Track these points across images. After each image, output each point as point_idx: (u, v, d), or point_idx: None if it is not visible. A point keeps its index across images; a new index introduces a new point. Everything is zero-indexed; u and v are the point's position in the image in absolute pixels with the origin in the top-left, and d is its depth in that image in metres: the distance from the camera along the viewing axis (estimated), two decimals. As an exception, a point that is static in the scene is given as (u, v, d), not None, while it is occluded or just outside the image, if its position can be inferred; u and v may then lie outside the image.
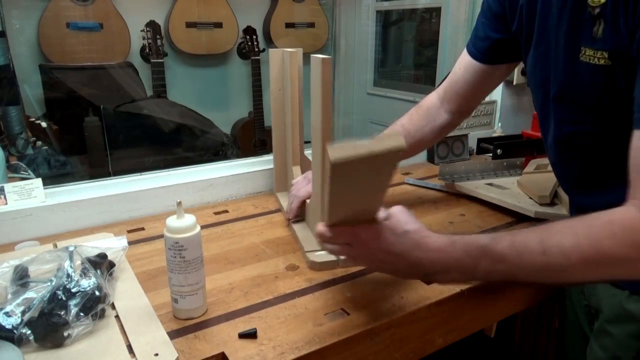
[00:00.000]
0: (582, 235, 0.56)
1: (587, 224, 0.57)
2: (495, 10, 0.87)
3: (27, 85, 2.33)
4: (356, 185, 0.54)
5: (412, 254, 0.61)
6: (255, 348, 0.64)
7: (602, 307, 0.77)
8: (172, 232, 0.67)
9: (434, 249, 0.61)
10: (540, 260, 0.57)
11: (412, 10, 2.80)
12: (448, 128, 1.02)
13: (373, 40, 2.98)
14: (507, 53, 0.88)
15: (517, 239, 0.59)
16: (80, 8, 2.37)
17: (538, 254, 0.57)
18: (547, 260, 0.57)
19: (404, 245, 0.62)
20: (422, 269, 0.62)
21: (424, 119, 1.00)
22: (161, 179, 1.16)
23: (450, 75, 0.99)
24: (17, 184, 1.01)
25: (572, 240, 0.56)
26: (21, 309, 0.66)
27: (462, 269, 0.61)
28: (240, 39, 2.84)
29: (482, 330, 0.95)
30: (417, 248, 0.62)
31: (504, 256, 0.58)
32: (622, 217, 0.56)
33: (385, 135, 0.51)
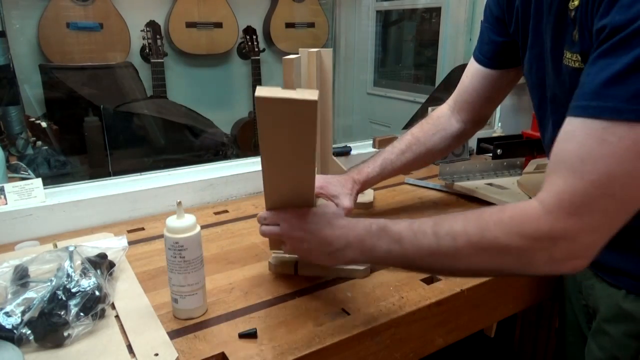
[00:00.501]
0: (472, 220, 0.58)
1: (480, 212, 0.59)
2: (497, 13, 0.87)
3: (27, 85, 2.33)
4: (280, 134, 0.61)
5: (322, 231, 0.67)
6: (255, 348, 0.64)
7: (599, 306, 0.77)
8: (172, 232, 0.67)
9: (340, 226, 0.67)
10: (432, 242, 0.59)
11: (412, 10, 2.80)
12: (460, 137, 1.00)
13: (373, 40, 2.98)
14: (513, 57, 0.87)
15: (415, 223, 0.62)
16: (80, 8, 2.37)
17: (430, 235, 0.59)
18: (437, 242, 0.59)
19: (318, 224, 0.68)
20: (329, 247, 0.67)
21: (434, 128, 0.99)
22: (161, 179, 1.16)
23: (459, 84, 0.99)
24: (17, 184, 1.01)
25: (462, 224, 0.58)
26: (21, 309, 0.66)
27: (362, 246, 0.64)
28: (240, 39, 2.84)
29: (482, 330, 0.95)
30: (327, 226, 0.68)
31: (400, 237, 0.61)
32: (515, 207, 0.57)
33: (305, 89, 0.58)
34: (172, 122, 2.30)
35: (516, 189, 1.15)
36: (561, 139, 0.55)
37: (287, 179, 0.67)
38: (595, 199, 0.52)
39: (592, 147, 0.51)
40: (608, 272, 0.74)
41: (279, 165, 0.66)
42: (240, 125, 2.90)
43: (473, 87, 0.95)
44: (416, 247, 0.61)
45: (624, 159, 0.50)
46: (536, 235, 0.54)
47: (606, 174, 0.51)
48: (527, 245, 0.55)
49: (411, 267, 0.65)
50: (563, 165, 0.54)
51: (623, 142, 0.50)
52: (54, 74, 2.32)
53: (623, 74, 0.50)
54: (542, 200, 0.55)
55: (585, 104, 0.52)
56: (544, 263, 0.55)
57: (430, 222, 0.61)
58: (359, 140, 1.47)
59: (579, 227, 0.53)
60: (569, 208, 0.53)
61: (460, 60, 1.91)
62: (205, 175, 1.18)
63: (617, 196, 0.51)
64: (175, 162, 2.15)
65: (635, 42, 0.49)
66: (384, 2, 2.92)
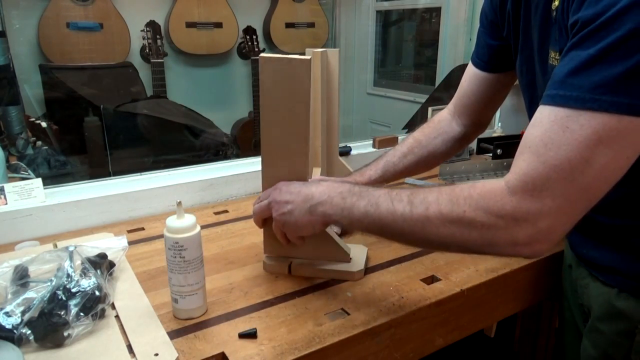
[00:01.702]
0: (444, 192, 0.62)
1: (453, 187, 0.62)
2: (491, 17, 0.88)
3: (27, 85, 2.33)
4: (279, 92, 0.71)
5: (308, 188, 0.73)
6: (255, 348, 0.64)
7: (593, 305, 0.78)
8: (172, 232, 0.67)
9: (325, 184, 0.73)
10: (406, 208, 0.63)
11: (412, 10, 2.80)
12: (462, 140, 1.00)
13: (373, 40, 2.98)
14: (508, 60, 0.88)
15: (393, 190, 0.66)
16: (80, 8, 2.37)
17: (406, 202, 0.63)
18: (411, 209, 0.62)
19: (305, 185, 0.74)
20: (310, 200, 0.71)
21: (435, 131, 1.00)
22: (161, 179, 1.16)
23: (458, 88, 1.00)
24: (17, 184, 1.01)
25: (435, 196, 0.62)
26: (21, 309, 0.66)
27: (343, 203, 0.68)
28: (240, 39, 2.84)
29: (482, 330, 0.95)
30: (314, 184, 0.74)
31: (378, 200, 0.65)
32: (484, 184, 0.60)
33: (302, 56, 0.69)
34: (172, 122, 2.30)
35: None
36: (530, 125, 0.57)
37: (284, 144, 0.75)
38: (556, 183, 0.54)
39: (556, 133, 0.53)
40: (601, 271, 0.75)
41: (277, 126, 0.74)
42: (240, 125, 2.89)
43: (472, 90, 0.95)
44: (391, 212, 0.64)
45: (584, 146, 0.52)
46: (500, 213, 0.57)
47: (567, 160, 0.53)
48: (491, 221, 0.57)
49: (384, 232, 0.66)
50: (528, 149, 0.56)
51: (584, 130, 0.52)
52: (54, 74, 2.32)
53: (587, 65, 0.52)
54: (508, 181, 0.57)
55: (554, 93, 0.55)
56: (506, 243, 0.58)
57: (407, 191, 0.64)
58: (359, 140, 1.47)
59: (540, 209, 0.55)
60: (531, 190, 0.55)
61: (460, 60, 1.91)
62: (205, 175, 1.18)
63: (578, 182, 0.53)
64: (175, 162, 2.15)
65: (602, 34, 0.51)
66: (384, 2, 2.92)
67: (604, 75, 0.51)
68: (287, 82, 0.71)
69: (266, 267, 0.85)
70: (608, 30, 0.51)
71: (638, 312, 0.70)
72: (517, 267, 0.86)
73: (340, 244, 0.82)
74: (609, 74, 0.51)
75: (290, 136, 0.75)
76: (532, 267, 0.88)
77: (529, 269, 0.88)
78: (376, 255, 0.89)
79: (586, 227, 0.60)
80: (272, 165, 0.78)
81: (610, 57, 0.51)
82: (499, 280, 0.83)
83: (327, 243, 0.81)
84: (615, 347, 0.73)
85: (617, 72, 0.50)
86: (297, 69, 0.70)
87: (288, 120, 0.74)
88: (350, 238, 0.93)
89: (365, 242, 0.92)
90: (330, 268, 0.81)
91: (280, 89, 0.72)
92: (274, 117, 0.74)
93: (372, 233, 0.69)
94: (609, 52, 0.51)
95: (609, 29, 0.51)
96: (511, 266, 0.86)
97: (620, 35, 0.50)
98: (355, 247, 0.88)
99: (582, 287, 0.80)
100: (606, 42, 0.51)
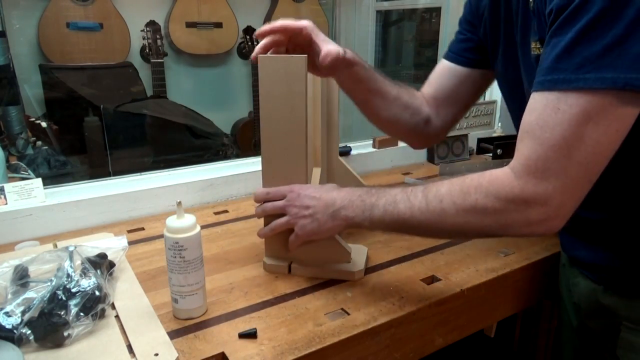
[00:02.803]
0: (456, 184, 0.65)
1: (463, 178, 0.66)
2: (469, 18, 0.90)
3: (27, 85, 2.33)
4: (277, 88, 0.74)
5: (329, 194, 0.75)
6: (255, 348, 0.64)
7: (582, 303, 0.79)
8: (172, 232, 0.67)
9: (345, 189, 0.76)
10: (422, 202, 0.67)
11: (412, 10, 2.80)
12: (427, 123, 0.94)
13: (373, 40, 2.98)
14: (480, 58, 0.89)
15: (407, 188, 0.70)
16: (80, 8, 2.37)
17: (421, 197, 0.67)
18: (426, 202, 0.66)
19: (324, 189, 0.77)
20: (332, 206, 0.74)
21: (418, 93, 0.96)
22: (161, 179, 1.16)
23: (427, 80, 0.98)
24: (17, 184, 1.01)
25: (447, 187, 0.66)
26: (21, 309, 0.66)
27: (363, 204, 0.72)
28: (240, 39, 2.84)
29: (482, 330, 0.95)
30: (333, 189, 0.77)
31: (395, 198, 0.69)
32: (492, 172, 0.64)
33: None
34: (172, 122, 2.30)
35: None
36: (525, 113, 0.61)
37: (283, 140, 0.77)
38: (555, 162, 0.57)
39: (549, 115, 0.57)
40: (587, 269, 0.77)
41: (276, 123, 0.76)
42: (240, 125, 2.89)
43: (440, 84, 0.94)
44: (408, 207, 0.68)
45: (575, 123, 0.55)
46: (509, 198, 0.60)
47: (562, 139, 0.56)
48: (503, 206, 0.61)
49: (403, 227, 0.70)
50: (526, 134, 0.60)
51: (573, 109, 0.55)
52: (54, 74, 2.32)
53: (569, 48, 0.55)
54: (513, 167, 0.61)
55: (542, 79, 0.58)
56: (521, 225, 0.61)
57: (421, 187, 0.68)
58: (359, 140, 1.47)
59: (545, 188, 0.58)
60: (535, 172, 0.58)
61: (460, 60, 1.91)
62: (205, 175, 1.18)
63: (576, 159, 0.56)
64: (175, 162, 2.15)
65: (578, 18, 0.54)
66: (384, 2, 2.92)
67: (584, 55, 0.54)
68: (284, 79, 0.74)
69: (266, 267, 0.85)
70: (581, 13, 0.54)
71: (623, 308, 0.72)
72: (517, 267, 0.86)
73: (342, 243, 0.82)
74: (589, 53, 0.54)
75: (289, 133, 0.77)
76: (532, 267, 0.88)
77: (528, 269, 0.88)
78: (376, 255, 0.89)
79: (572, 226, 0.62)
80: (272, 161, 0.79)
81: (587, 37, 0.54)
82: (499, 280, 0.83)
83: (328, 243, 0.81)
84: (602, 343, 0.75)
85: (596, 49, 0.53)
86: (293, 67, 0.73)
87: (286, 117, 0.76)
88: (351, 238, 0.93)
89: (365, 242, 0.92)
90: (330, 268, 0.81)
91: (278, 87, 0.74)
92: (272, 114, 0.76)
93: (393, 230, 0.72)
94: (585, 32, 0.54)
95: (582, 12, 0.54)
96: (511, 266, 0.86)
97: (592, 16, 0.53)
98: (355, 247, 0.88)
99: (574, 286, 0.81)
100: (581, 24, 0.54)
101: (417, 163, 1.47)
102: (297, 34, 0.76)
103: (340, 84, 0.87)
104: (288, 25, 0.75)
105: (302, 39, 0.77)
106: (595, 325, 0.77)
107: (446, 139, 1.47)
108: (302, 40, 0.77)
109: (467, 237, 0.75)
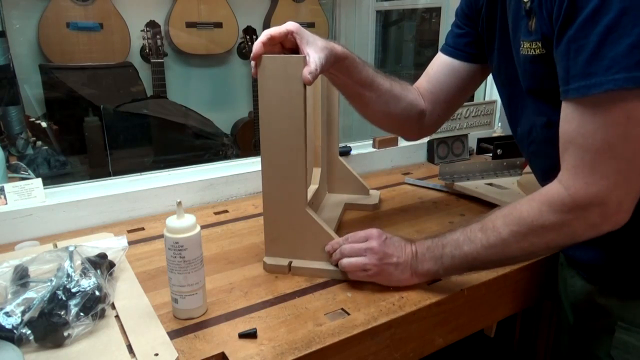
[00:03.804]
0: (508, 211, 0.68)
1: (514, 203, 0.68)
2: (466, 11, 0.91)
3: (27, 85, 2.33)
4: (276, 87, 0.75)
5: (410, 247, 0.76)
6: (255, 348, 0.64)
7: (578, 302, 0.80)
8: (172, 232, 0.67)
9: (414, 245, 0.77)
10: (482, 238, 0.69)
11: (412, 10, 2.80)
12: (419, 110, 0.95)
13: (373, 40, 2.97)
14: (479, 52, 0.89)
15: (467, 228, 0.72)
16: (80, 8, 2.37)
17: (481, 235, 0.69)
18: (486, 237, 0.68)
19: (399, 245, 0.77)
20: (414, 260, 0.75)
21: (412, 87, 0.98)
22: (161, 179, 1.16)
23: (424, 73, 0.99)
24: (17, 184, 1.01)
25: (502, 219, 0.68)
26: (21, 309, 0.66)
27: (434, 255, 0.74)
28: (240, 39, 2.84)
29: (482, 330, 0.95)
30: (406, 243, 0.77)
31: (458, 242, 0.71)
32: (542, 190, 0.65)
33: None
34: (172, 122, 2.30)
35: (516, 189, 1.15)
36: (563, 122, 0.62)
37: (282, 139, 0.78)
38: (603, 164, 0.59)
39: (588, 122, 0.58)
40: (584, 269, 0.78)
41: (275, 123, 0.77)
42: (240, 126, 2.89)
43: (435, 76, 0.95)
44: (472, 248, 0.70)
45: (615, 125, 0.57)
46: (565, 209, 0.62)
47: (605, 142, 0.57)
48: (562, 219, 0.63)
49: (474, 266, 0.72)
50: (570, 144, 0.61)
51: (610, 112, 0.56)
52: (54, 74, 2.32)
53: (595, 51, 0.55)
54: (561, 179, 0.63)
55: (576, 86, 0.58)
56: (585, 229, 0.63)
57: (478, 224, 0.71)
58: (359, 140, 1.47)
59: (599, 190, 0.59)
60: (584, 178, 0.60)
61: (460, 60, 1.91)
62: (205, 175, 1.18)
63: (623, 156, 0.58)
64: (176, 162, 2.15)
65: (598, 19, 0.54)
66: (384, 2, 2.92)
67: (611, 56, 0.54)
68: (284, 79, 0.75)
69: (266, 267, 0.85)
70: (602, 14, 0.54)
71: (617, 308, 0.72)
72: (517, 267, 0.86)
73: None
74: (615, 53, 0.54)
75: (288, 132, 0.77)
76: (532, 267, 0.88)
77: (528, 269, 0.88)
78: (376, 255, 0.89)
79: None
80: (271, 161, 0.80)
81: (612, 38, 0.54)
82: (499, 280, 0.83)
83: (326, 243, 0.81)
84: (597, 343, 0.75)
85: (622, 49, 0.54)
86: (292, 67, 0.74)
87: (285, 116, 0.77)
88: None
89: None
90: (330, 268, 0.81)
91: (277, 86, 0.75)
92: (272, 114, 0.77)
93: (467, 271, 0.75)
94: (609, 33, 0.54)
95: (602, 13, 0.54)
96: (511, 266, 0.86)
97: (614, 16, 0.53)
98: None
99: (571, 286, 0.81)
100: (603, 25, 0.54)
101: (417, 163, 1.47)
102: (285, 39, 0.76)
103: (330, 78, 0.87)
104: (273, 34, 0.74)
105: (290, 44, 0.77)
106: (590, 325, 0.77)
107: (446, 139, 1.47)
108: (291, 45, 0.77)
109: (538, 256, 0.76)
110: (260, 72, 0.75)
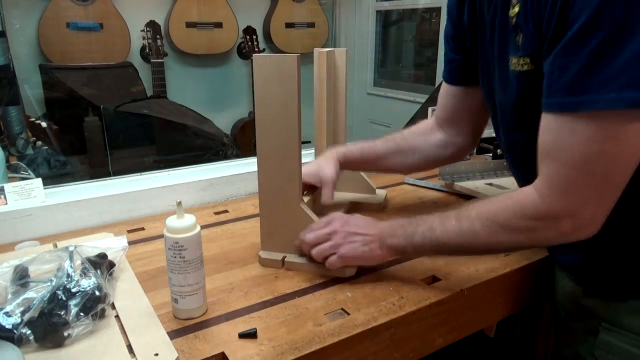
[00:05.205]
0: (484, 205, 0.69)
1: (491, 199, 0.70)
2: (452, 34, 0.91)
3: (27, 85, 2.33)
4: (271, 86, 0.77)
5: (376, 225, 0.79)
6: (255, 348, 0.64)
7: (565, 303, 0.80)
8: (172, 232, 0.67)
9: (387, 222, 0.78)
10: (455, 226, 0.70)
11: (412, 10, 2.80)
12: (446, 147, 0.99)
13: (373, 40, 2.98)
14: (474, 73, 0.89)
15: (442, 214, 0.73)
16: (80, 8, 2.37)
17: (455, 222, 0.71)
18: (459, 225, 0.70)
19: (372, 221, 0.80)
20: (381, 236, 0.77)
21: (417, 130, 1.02)
22: (161, 179, 1.16)
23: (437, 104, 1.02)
24: (17, 184, 1.01)
25: (477, 211, 0.69)
26: (21, 309, 0.66)
27: (406, 232, 0.75)
28: (240, 39, 2.85)
29: (482, 330, 0.95)
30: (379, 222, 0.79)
31: (432, 225, 0.73)
32: (519, 192, 0.67)
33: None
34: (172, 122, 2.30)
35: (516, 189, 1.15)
36: (542, 133, 0.62)
37: (277, 138, 0.79)
38: (578, 179, 0.59)
39: (566, 137, 0.58)
40: (570, 271, 0.79)
41: (270, 121, 0.79)
42: (240, 126, 2.90)
43: (445, 105, 0.98)
44: (444, 232, 0.71)
45: (593, 143, 0.57)
46: (538, 217, 0.63)
47: (581, 158, 0.58)
48: (533, 225, 0.64)
49: (442, 250, 0.73)
50: (546, 156, 0.62)
51: (589, 129, 0.56)
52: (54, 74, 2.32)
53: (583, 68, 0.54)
54: (537, 187, 0.63)
55: (561, 101, 0.58)
56: (555, 237, 0.64)
57: (453, 212, 0.72)
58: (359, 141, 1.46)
59: (573, 203, 0.60)
60: (559, 190, 0.60)
61: (460, 60, 1.91)
62: (205, 175, 1.18)
63: (598, 173, 0.58)
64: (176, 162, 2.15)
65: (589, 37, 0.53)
66: (384, 2, 2.92)
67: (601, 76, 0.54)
68: (278, 78, 0.76)
69: (261, 261, 0.86)
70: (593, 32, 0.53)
71: (602, 309, 0.73)
72: (517, 267, 0.86)
73: None
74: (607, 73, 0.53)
75: (282, 129, 0.78)
76: (532, 267, 0.88)
77: (528, 269, 0.88)
78: (376, 255, 0.89)
79: None
80: (267, 157, 0.81)
81: (603, 56, 0.53)
82: (499, 280, 0.83)
83: None
84: (583, 345, 0.76)
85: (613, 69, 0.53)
86: (286, 66, 0.75)
87: (280, 115, 0.78)
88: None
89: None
90: (319, 263, 0.81)
91: (272, 85, 0.77)
92: (267, 112, 0.79)
93: (434, 254, 0.77)
94: (600, 52, 0.53)
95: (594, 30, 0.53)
96: (511, 266, 0.86)
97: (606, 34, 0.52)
98: None
99: (562, 287, 0.82)
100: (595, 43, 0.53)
101: (417, 163, 1.47)
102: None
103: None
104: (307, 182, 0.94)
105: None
106: (576, 326, 0.78)
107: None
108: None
109: (501, 252, 0.80)
110: (255, 72, 0.77)
